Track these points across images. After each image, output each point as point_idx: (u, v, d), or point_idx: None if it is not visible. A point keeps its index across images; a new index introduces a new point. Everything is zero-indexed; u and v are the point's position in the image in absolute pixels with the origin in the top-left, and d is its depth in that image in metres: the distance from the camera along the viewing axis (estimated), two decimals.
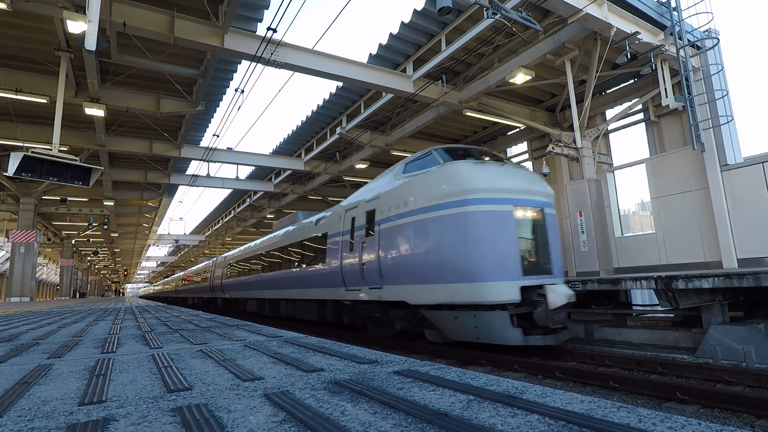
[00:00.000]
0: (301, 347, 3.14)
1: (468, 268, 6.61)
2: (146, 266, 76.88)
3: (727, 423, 3.88)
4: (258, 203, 28.84)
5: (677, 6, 10.09)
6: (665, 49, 10.40)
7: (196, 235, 42.29)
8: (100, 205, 26.24)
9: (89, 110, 12.52)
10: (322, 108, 15.89)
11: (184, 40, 9.62)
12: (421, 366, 2.26)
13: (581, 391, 5.07)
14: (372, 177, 22.04)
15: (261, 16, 10.30)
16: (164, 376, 2.23)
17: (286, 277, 13.10)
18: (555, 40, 10.53)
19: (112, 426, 1.39)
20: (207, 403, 1.64)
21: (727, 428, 1.12)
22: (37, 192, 21.04)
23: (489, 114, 14.01)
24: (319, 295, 10.79)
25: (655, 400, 4.56)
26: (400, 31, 11.45)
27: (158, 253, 66.42)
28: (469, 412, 1.41)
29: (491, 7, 8.19)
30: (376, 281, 8.27)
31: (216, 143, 16.09)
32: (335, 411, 1.48)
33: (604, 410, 1.36)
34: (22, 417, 1.53)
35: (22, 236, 20.59)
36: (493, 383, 1.81)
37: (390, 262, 7.90)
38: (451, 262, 6.78)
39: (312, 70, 10.97)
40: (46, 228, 31.84)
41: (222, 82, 13.63)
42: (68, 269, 35.02)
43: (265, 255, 15.86)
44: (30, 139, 15.14)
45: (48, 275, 63.52)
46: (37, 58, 11.53)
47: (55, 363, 2.73)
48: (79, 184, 9.98)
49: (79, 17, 7.72)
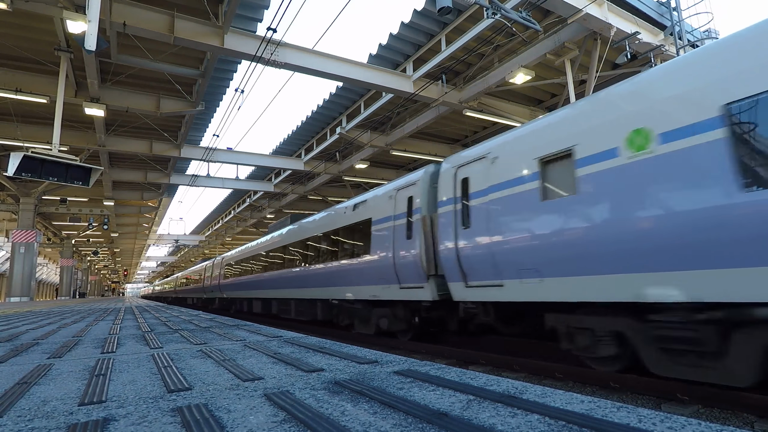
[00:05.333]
0: (301, 347, 3.13)
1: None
2: (146, 266, 76.94)
3: (727, 423, 3.88)
4: (258, 203, 28.85)
5: (677, 6, 10.09)
6: (665, 49, 10.40)
7: (196, 235, 42.31)
8: (100, 205, 26.25)
9: (89, 110, 12.52)
10: (322, 108, 15.90)
11: (184, 40, 9.63)
12: (421, 366, 2.26)
13: (581, 391, 5.07)
14: (372, 177, 22.06)
15: (261, 16, 10.30)
16: (164, 376, 2.23)
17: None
18: (555, 40, 10.53)
19: (112, 426, 1.39)
20: (207, 403, 1.64)
21: (727, 428, 1.12)
22: (37, 192, 21.04)
23: (489, 114, 14.00)
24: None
25: (655, 400, 4.56)
26: (400, 31, 11.45)
27: (158, 253, 66.52)
28: (469, 412, 1.41)
29: (491, 7, 8.20)
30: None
31: (216, 143, 16.11)
32: (335, 411, 1.48)
33: (604, 410, 1.36)
34: (22, 417, 1.53)
35: (22, 236, 20.58)
36: (493, 383, 1.81)
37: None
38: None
39: (312, 70, 10.97)
40: (46, 228, 31.84)
41: (222, 82, 13.64)
42: (68, 269, 35.02)
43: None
44: (30, 139, 15.14)
45: (48, 275, 63.52)
46: (37, 58, 11.53)
47: (55, 363, 2.73)
48: (79, 184, 9.98)
49: (79, 17, 7.72)
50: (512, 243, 5.36)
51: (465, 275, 6.11)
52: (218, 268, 21.73)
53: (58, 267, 45.61)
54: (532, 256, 5.12)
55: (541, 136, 5.33)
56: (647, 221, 4.04)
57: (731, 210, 3.49)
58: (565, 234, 4.74)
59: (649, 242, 4.02)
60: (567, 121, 5.08)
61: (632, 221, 4.15)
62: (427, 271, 6.81)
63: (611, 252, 4.32)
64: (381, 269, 7.86)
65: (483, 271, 5.80)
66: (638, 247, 4.10)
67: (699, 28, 10.63)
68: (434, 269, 6.81)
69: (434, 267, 6.81)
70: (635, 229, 4.12)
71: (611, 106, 4.65)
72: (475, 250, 5.87)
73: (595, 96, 4.91)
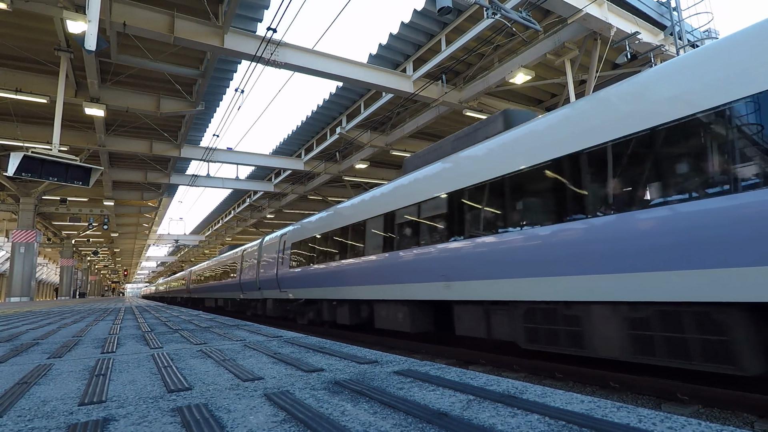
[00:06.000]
0: (301, 347, 3.14)
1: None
2: (146, 266, 76.96)
3: (727, 423, 3.88)
4: (258, 203, 28.86)
5: (677, 6, 10.10)
6: (665, 49, 10.40)
7: (196, 235, 42.33)
8: (100, 205, 26.26)
9: (89, 110, 12.53)
10: (322, 108, 15.90)
11: (184, 40, 9.63)
12: (421, 366, 2.26)
13: (581, 391, 5.07)
14: (372, 177, 22.06)
15: (261, 16, 10.30)
16: (164, 376, 2.23)
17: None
18: (555, 40, 10.53)
19: (112, 426, 1.39)
20: (207, 403, 1.64)
21: (727, 428, 1.12)
22: (37, 192, 21.05)
23: (489, 114, 14.01)
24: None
25: (655, 400, 4.56)
26: (400, 31, 11.45)
27: (158, 253, 66.50)
28: (469, 412, 1.41)
29: (491, 7, 8.20)
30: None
31: (216, 143, 16.11)
32: (335, 411, 1.48)
33: (604, 410, 1.36)
34: (22, 417, 1.53)
35: (22, 236, 20.59)
36: (493, 383, 1.81)
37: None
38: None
39: (312, 70, 10.98)
40: (46, 228, 31.85)
41: (222, 82, 13.64)
42: (68, 269, 35.03)
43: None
44: (30, 139, 15.14)
45: (48, 275, 63.52)
46: (37, 58, 11.53)
47: (55, 363, 2.73)
48: (79, 184, 9.98)
49: (79, 17, 7.72)
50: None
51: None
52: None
53: (58, 267, 45.63)
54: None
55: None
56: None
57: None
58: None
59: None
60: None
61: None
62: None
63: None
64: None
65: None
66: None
67: (699, 28, 10.63)
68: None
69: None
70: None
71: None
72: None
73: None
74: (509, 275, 5.25)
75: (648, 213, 3.95)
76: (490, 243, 5.56)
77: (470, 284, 5.81)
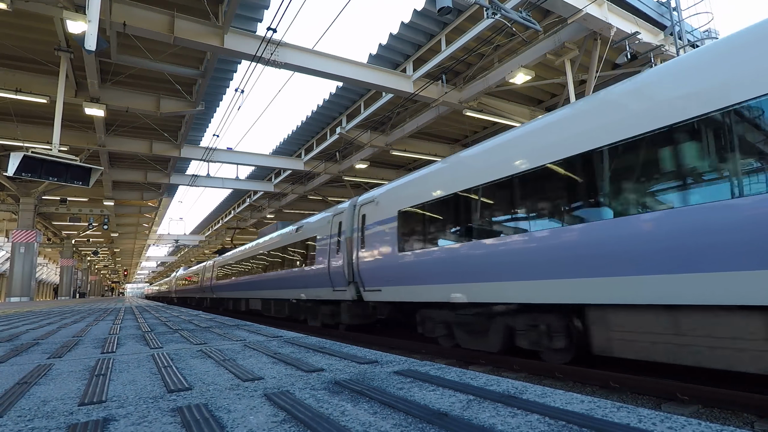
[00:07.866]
0: (301, 347, 3.14)
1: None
2: (146, 266, 76.96)
3: (727, 423, 3.88)
4: (258, 203, 28.86)
5: (677, 6, 10.10)
6: (665, 49, 10.40)
7: (196, 235, 42.32)
8: (100, 205, 26.25)
9: (89, 110, 12.53)
10: (322, 108, 15.90)
11: (184, 40, 9.63)
12: (421, 366, 2.26)
13: (581, 391, 5.07)
14: (372, 177, 22.06)
15: (261, 16, 10.30)
16: (164, 376, 2.23)
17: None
18: (555, 40, 10.53)
19: (112, 426, 1.39)
20: (207, 403, 1.64)
21: (727, 428, 1.12)
22: (37, 192, 21.05)
23: (489, 114, 14.01)
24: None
25: (655, 400, 4.56)
26: (400, 31, 11.45)
27: (158, 253, 66.47)
28: (469, 412, 1.41)
29: (491, 7, 8.20)
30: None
31: (216, 143, 16.11)
32: (335, 411, 1.48)
33: (604, 410, 1.36)
34: (22, 417, 1.53)
35: (22, 236, 20.59)
36: (493, 383, 1.81)
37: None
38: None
39: (312, 70, 10.97)
40: (46, 228, 31.85)
41: (222, 82, 13.64)
42: (68, 269, 35.03)
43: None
44: (30, 139, 15.14)
45: (48, 275, 63.51)
46: (37, 58, 11.53)
47: (55, 363, 2.73)
48: (79, 184, 9.98)
49: (79, 17, 7.72)
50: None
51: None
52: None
53: (58, 267, 45.63)
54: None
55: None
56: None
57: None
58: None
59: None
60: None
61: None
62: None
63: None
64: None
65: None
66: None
67: (699, 28, 10.63)
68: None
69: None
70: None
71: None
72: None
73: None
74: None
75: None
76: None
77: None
